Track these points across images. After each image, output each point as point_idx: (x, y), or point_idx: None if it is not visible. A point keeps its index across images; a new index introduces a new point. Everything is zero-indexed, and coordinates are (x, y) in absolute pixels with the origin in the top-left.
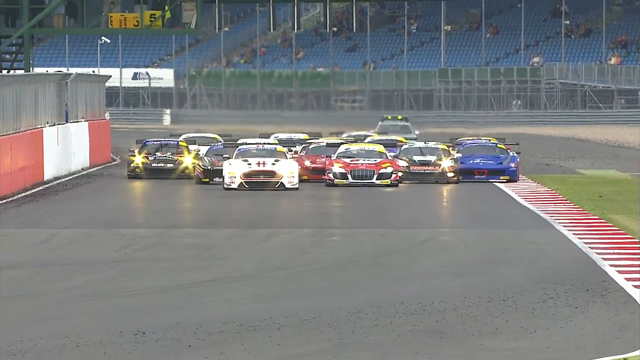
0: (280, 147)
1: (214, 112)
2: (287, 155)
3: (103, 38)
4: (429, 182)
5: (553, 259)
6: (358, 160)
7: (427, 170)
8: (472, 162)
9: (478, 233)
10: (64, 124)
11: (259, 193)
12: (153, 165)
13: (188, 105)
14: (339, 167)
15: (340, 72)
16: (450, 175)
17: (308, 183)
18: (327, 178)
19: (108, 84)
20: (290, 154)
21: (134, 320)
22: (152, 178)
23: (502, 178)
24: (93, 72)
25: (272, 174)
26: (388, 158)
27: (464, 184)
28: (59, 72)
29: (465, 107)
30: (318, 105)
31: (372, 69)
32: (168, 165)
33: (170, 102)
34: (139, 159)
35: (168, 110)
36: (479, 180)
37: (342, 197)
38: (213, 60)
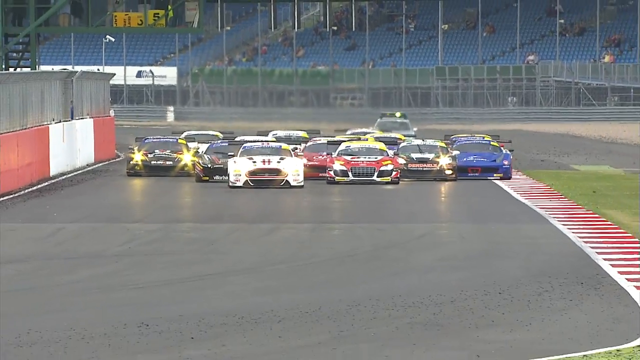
0: (285, 145)
1: (216, 109)
2: (292, 153)
3: (108, 37)
4: (427, 179)
5: (548, 253)
6: (359, 158)
7: (425, 168)
8: (465, 159)
9: (474, 228)
10: (70, 121)
11: (260, 189)
12: (152, 163)
13: (191, 103)
14: (340, 164)
15: (340, 70)
16: (448, 173)
17: (306, 180)
18: (328, 175)
19: (112, 82)
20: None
21: (138, 313)
22: (151, 175)
23: (495, 175)
24: (98, 70)
25: (277, 172)
26: (389, 156)
27: (461, 181)
28: (65, 70)
29: (462, 104)
30: (318, 103)
31: (370, 67)
32: (167, 163)
33: (174, 99)
34: (138, 157)
35: (171, 108)
36: (473, 178)
37: (341, 192)
38: (215, 59)
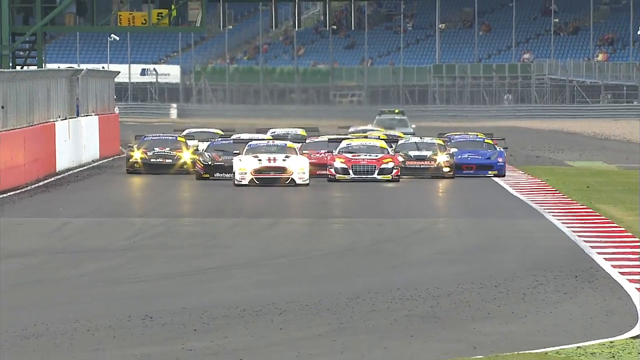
0: (291, 143)
1: (219, 106)
2: (297, 151)
3: (112, 35)
4: (425, 177)
5: (543, 247)
6: (359, 156)
7: (422, 165)
8: (460, 157)
9: (471, 222)
10: (75, 118)
11: (262, 186)
12: (152, 161)
13: (194, 100)
14: (341, 162)
15: (339, 68)
16: (446, 170)
17: None
18: (328, 173)
19: (117, 80)
20: None
21: (142, 306)
22: (150, 173)
23: (490, 173)
24: (103, 68)
25: (282, 170)
26: (389, 153)
27: (458, 177)
28: (70, 68)
29: (459, 101)
30: (318, 100)
31: (369, 65)
32: (167, 161)
33: (177, 96)
34: (138, 154)
35: (174, 105)
36: (467, 175)
37: (342, 188)
38: (217, 57)
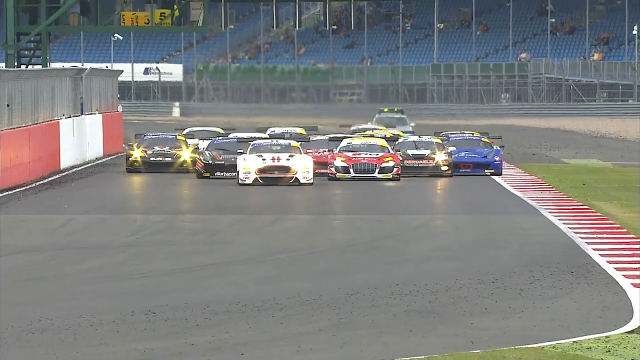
0: (295, 142)
1: (220, 105)
2: (301, 150)
3: (116, 35)
4: (423, 175)
5: (539, 243)
6: (360, 154)
7: (421, 164)
8: (457, 155)
9: (468, 219)
10: (79, 116)
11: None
12: (151, 159)
13: (196, 99)
14: (341, 161)
15: (339, 67)
16: (444, 169)
17: None
18: (329, 172)
19: (120, 79)
20: None
21: (145, 301)
22: (150, 172)
23: (486, 171)
24: (106, 67)
25: (286, 169)
26: (390, 152)
27: (455, 175)
28: (75, 67)
29: (457, 100)
30: (318, 99)
31: (369, 65)
32: (166, 159)
33: (179, 95)
34: (138, 153)
35: (177, 103)
36: (464, 174)
37: (342, 186)
38: (219, 56)
